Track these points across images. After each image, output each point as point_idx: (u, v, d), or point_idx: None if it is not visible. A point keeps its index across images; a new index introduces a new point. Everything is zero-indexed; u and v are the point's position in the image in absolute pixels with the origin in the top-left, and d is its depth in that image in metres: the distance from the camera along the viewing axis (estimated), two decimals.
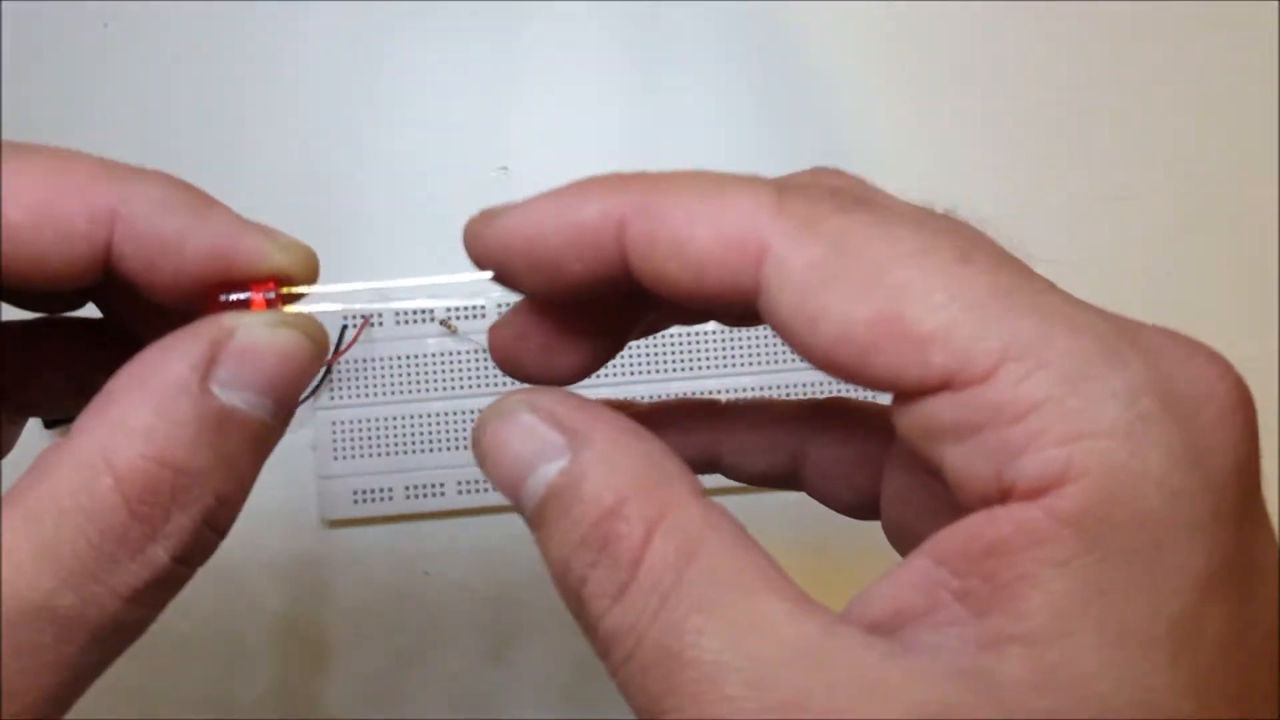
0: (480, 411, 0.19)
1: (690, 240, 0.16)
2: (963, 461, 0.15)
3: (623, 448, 0.17)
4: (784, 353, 0.42)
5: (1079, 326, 0.15)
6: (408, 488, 0.42)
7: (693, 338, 0.43)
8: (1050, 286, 0.16)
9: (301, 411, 0.40)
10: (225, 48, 0.45)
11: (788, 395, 0.42)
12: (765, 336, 0.42)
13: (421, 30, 0.46)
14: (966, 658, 0.14)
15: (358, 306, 0.42)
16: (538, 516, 0.17)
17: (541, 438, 0.17)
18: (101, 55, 0.45)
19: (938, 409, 0.15)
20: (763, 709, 0.14)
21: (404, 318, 0.42)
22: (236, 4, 0.46)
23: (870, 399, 0.22)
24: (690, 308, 0.18)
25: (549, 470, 0.17)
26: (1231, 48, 0.45)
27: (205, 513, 0.17)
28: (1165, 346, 0.15)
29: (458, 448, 0.42)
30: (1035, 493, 0.14)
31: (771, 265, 0.16)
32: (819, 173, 0.19)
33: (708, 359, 0.42)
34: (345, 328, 0.42)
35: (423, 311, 0.42)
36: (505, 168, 0.45)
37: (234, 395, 0.18)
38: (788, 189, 0.16)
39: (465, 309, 0.42)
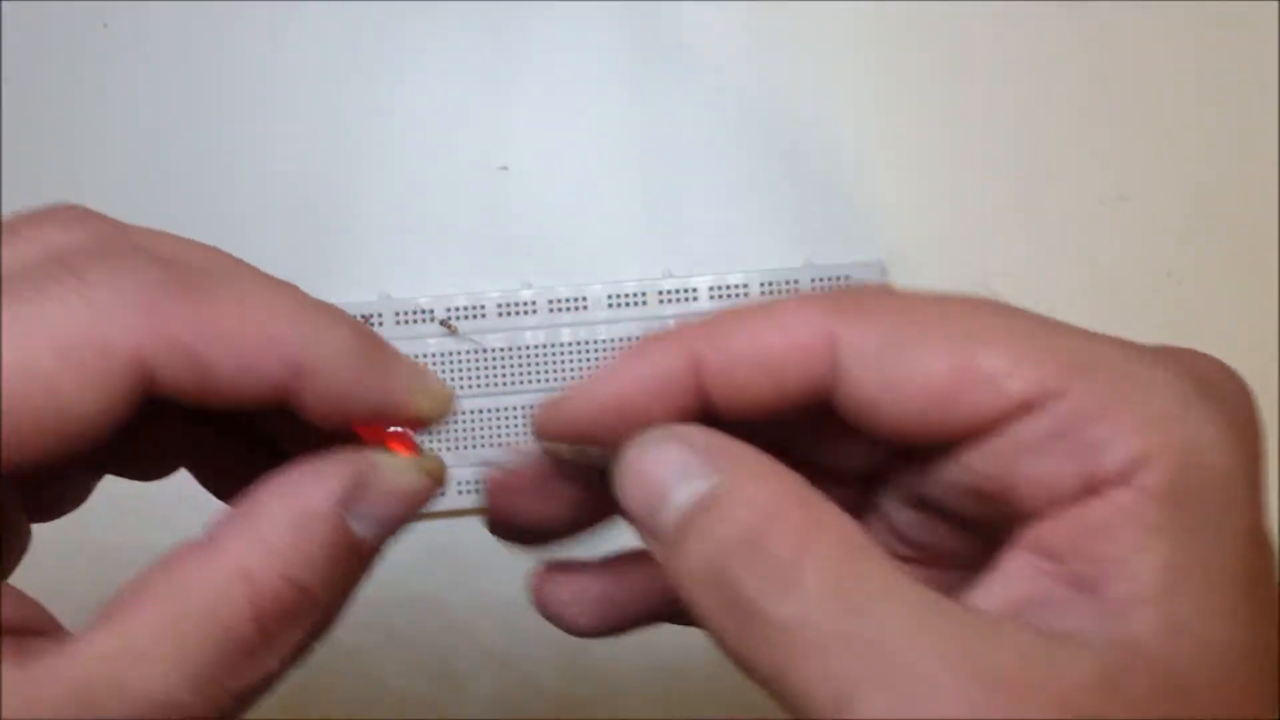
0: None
1: (765, 350, 0.19)
2: (1044, 470, 0.17)
3: (771, 469, 0.18)
4: None
5: (1116, 343, 0.18)
6: None
7: None
8: (1071, 325, 0.18)
9: None
10: (225, 47, 0.46)
11: None
12: None
13: (421, 29, 0.46)
14: (1103, 630, 0.16)
15: (358, 304, 0.43)
16: (681, 527, 0.18)
17: (688, 460, 0.18)
18: (101, 55, 0.45)
19: (1018, 431, 0.17)
20: (962, 680, 0.15)
21: (403, 317, 0.42)
22: (236, 4, 0.46)
23: None
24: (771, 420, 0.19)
25: (698, 484, 0.18)
26: (1232, 48, 0.45)
27: (315, 627, 0.19)
28: (1181, 354, 0.18)
29: (457, 448, 0.42)
30: (1123, 477, 0.16)
31: (844, 350, 0.18)
32: (847, 285, 0.20)
33: None
34: None
35: (422, 311, 0.42)
36: (505, 167, 0.45)
37: (364, 527, 0.19)
38: (830, 295, 0.19)
39: (465, 309, 0.42)
